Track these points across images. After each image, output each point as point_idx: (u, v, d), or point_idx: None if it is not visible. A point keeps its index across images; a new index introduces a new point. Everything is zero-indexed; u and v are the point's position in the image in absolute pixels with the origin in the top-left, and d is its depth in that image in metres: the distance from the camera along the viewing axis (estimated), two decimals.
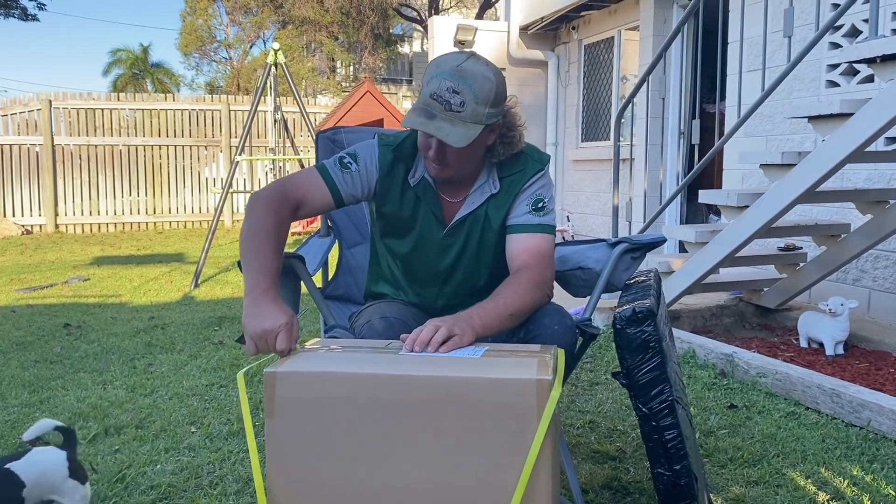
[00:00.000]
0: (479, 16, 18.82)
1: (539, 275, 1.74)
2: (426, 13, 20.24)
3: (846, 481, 2.26)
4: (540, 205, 1.82)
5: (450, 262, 1.87)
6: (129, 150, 11.27)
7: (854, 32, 4.60)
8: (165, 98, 11.89)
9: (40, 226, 10.92)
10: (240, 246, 1.64)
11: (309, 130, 7.31)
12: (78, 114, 11.01)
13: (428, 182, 1.83)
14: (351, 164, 1.80)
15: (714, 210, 6.66)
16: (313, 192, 1.77)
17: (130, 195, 11.35)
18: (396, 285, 1.97)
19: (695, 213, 7.20)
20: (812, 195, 3.42)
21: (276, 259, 1.62)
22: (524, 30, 8.45)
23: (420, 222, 1.85)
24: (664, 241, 2.07)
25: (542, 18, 8.09)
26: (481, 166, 1.84)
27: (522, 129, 1.83)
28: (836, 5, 4.65)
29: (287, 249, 1.79)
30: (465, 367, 1.31)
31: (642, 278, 1.89)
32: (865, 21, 4.36)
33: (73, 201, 11.07)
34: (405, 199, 1.84)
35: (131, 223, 11.39)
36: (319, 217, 2.43)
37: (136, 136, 11.31)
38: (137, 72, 27.66)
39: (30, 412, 2.90)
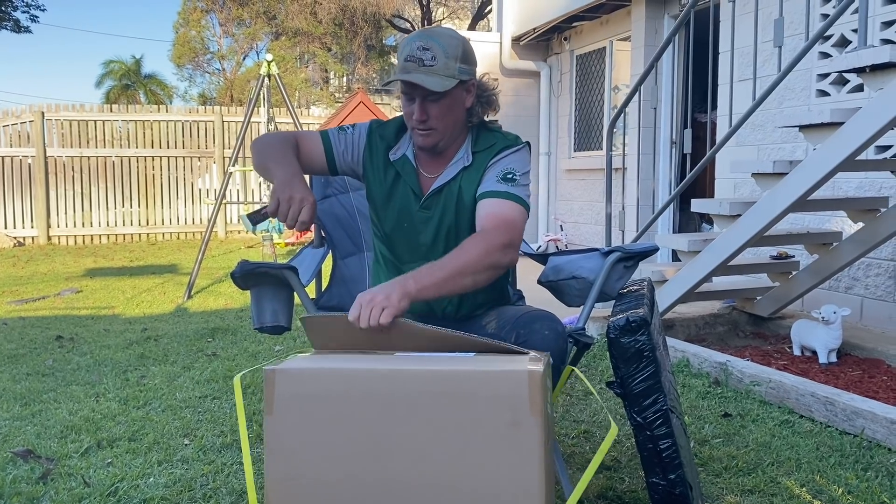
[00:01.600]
0: (472, 27, 18.91)
1: (493, 239, 1.71)
2: (419, 24, 20.32)
3: (841, 489, 2.26)
4: (509, 175, 1.85)
5: (429, 236, 1.92)
6: (121, 161, 11.25)
7: (843, 42, 4.64)
8: (158, 109, 11.88)
9: (32, 238, 10.88)
10: (259, 157, 1.83)
11: None
12: (70, 125, 10.99)
13: (407, 158, 1.93)
14: (348, 128, 1.97)
15: (706, 219, 6.69)
16: (311, 143, 1.92)
17: (123, 207, 11.32)
18: (393, 272, 1.98)
19: (687, 222, 7.23)
20: (804, 204, 3.44)
21: (297, 162, 1.82)
22: (516, 41, 8.49)
23: (399, 197, 1.93)
24: (657, 250, 2.07)
25: (535, 29, 8.13)
26: (463, 138, 1.93)
27: (498, 92, 1.96)
28: (825, 15, 4.69)
29: (280, 260, 1.79)
30: (458, 363, 1.35)
31: (635, 287, 1.90)
32: (855, 31, 4.40)
33: (66, 213, 11.04)
34: (386, 174, 1.94)
35: (124, 235, 11.35)
36: (313, 228, 2.43)
37: (128, 147, 11.29)
38: (130, 83, 27.65)
39: (21, 425, 2.88)
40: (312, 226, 2.08)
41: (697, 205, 3.93)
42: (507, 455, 1.26)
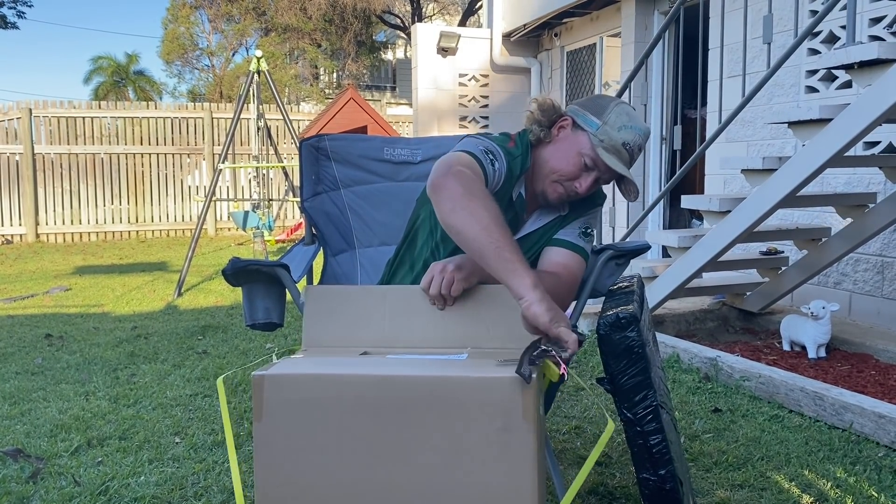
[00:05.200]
0: (462, 23, 18.88)
1: (563, 287, 1.77)
2: (409, 20, 20.28)
3: (830, 483, 2.28)
4: (588, 230, 1.89)
5: None
6: (110, 158, 11.19)
7: (832, 39, 4.66)
8: (147, 106, 11.81)
9: (20, 235, 10.81)
10: (471, 233, 1.48)
11: (292, 138, 7.30)
12: (59, 122, 10.91)
13: (522, 199, 1.84)
14: (494, 162, 1.73)
15: (696, 215, 6.71)
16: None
17: (112, 204, 11.26)
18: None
19: (677, 218, 7.25)
20: (793, 200, 3.45)
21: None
22: (507, 37, 8.49)
23: None
24: (648, 248, 2.08)
25: (525, 25, 8.13)
26: None
27: None
28: (814, 12, 4.71)
29: (271, 257, 1.78)
30: (449, 368, 1.33)
31: (626, 284, 1.90)
32: (843, 27, 4.42)
33: (54, 210, 10.97)
34: (507, 214, 1.76)
35: (113, 232, 11.29)
36: (304, 225, 2.43)
37: (117, 144, 11.23)
38: (119, 80, 27.46)
39: (11, 424, 2.86)
40: (303, 222, 2.06)
41: (687, 201, 3.94)
42: (500, 460, 1.25)
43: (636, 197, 1.82)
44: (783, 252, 4.44)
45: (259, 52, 7.16)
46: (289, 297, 1.93)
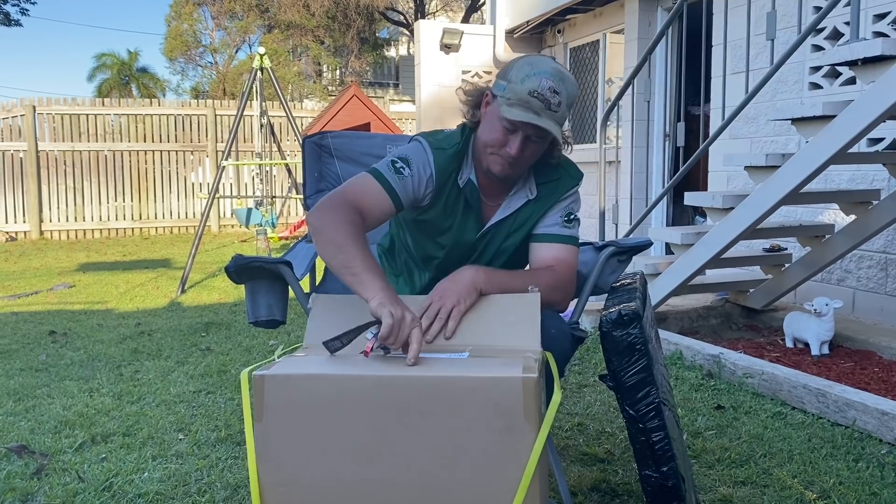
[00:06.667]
0: (465, 19, 18.86)
1: (565, 285, 1.79)
2: (412, 17, 20.26)
3: (832, 480, 2.28)
4: (570, 217, 1.87)
5: (482, 262, 1.87)
6: (114, 155, 11.20)
7: (836, 35, 4.65)
8: (151, 103, 11.82)
9: (25, 232, 10.83)
10: (333, 257, 1.59)
11: (295, 135, 7.30)
12: (62, 119, 10.93)
13: (473, 184, 1.83)
14: (404, 168, 1.76)
15: (700, 212, 6.70)
16: (374, 201, 1.72)
17: (116, 201, 11.27)
18: (411, 282, 1.98)
19: (681, 214, 7.24)
20: (796, 196, 3.45)
21: (377, 263, 1.62)
22: (510, 33, 8.48)
23: (458, 224, 1.86)
24: (650, 244, 2.08)
25: (528, 22, 8.12)
26: (528, 169, 1.86)
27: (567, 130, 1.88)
28: (818, 8, 4.70)
29: (274, 254, 1.78)
30: (451, 368, 1.33)
31: (628, 281, 1.90)
32: (847, 24, 4.41)
33: (58, 207, 10.99)
34: (452, 201, 1.83)
35: (117, 229, 11.31)
36: (306, 222, 2.43)
37: (121, 141, 11.24)
38: (123, 77, 27.48)
39: (15, 421, 2.87)
40: (306, 220, 2.06)
41: (690, 198, 3.93)
42: (502, 460, 1.25)
43: (569, 146, 1.81)
44: (786, 249, 4.44)
45: (262, 49, 7.17)
46: (291, 294, 1.94)
